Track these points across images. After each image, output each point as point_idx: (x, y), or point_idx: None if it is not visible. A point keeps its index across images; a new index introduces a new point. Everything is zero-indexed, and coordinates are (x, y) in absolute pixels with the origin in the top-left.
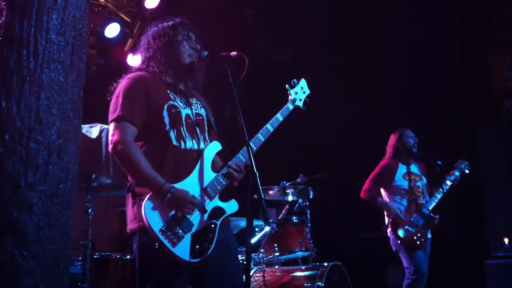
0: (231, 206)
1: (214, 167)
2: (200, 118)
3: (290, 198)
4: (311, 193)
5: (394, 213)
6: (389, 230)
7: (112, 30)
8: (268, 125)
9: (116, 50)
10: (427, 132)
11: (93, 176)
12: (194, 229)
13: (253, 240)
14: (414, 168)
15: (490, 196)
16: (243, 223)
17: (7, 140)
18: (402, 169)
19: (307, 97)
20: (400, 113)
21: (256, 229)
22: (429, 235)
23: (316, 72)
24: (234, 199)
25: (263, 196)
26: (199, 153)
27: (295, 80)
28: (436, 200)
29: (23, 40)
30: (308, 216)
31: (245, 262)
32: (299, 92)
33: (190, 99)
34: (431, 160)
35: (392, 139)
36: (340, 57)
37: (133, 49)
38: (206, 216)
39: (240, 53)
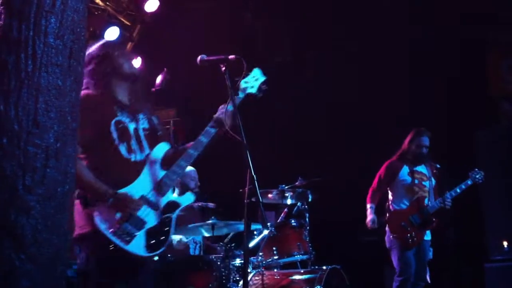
0: (185, 199)
1: (165, 165)
2: (147, 132)
3: (289, 201)
4: (309, 196)
5: (368, 220)
6: (386, 226)
7: (112, 33)
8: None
9: None
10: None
11: None
12: (147, 226)
13: (252, 244)
14: (422, 169)
15: (489, 199)
16: (241, 226)
17: (5, 143)
18: (406, 168)
19: (262, 83)
20: (399, 115)
21: (255, 233)
22: (427, 238)
23: (315, 73)
24: (188, 192)
25: (261, 200)
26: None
27: (245, 72)
28: (439, 205)
29: (21, 44)
30: (307, 219)
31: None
32: (251, 81)
33: (136, 114)
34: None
35: (408, 138)
36: (339, 59)
37: (133, 53)
38: (159, 211)
39: (238, 57)
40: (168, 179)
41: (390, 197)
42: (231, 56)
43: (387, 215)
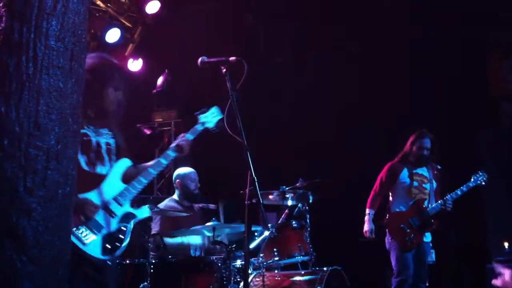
0: (142, 212)
1: (125, 180)
2: (110, 146)
3: (289, 202)
4: (310, 197)
5: (366, 229)
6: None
7: (113, 35)
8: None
9: (117, 55)
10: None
11: None
12: (104, 231)
13: (253, 245)
14: (423, 171)
15: (490, 200)
16: (242, 228)
17: (6, 145)
18: (406, 170)
19: (219, 121)
20: (400, 115)
21: (256, 234)
22: (427, 240)
23: (316, 74)
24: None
25: (261, 201)
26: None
27: (204, 108)
28: (440, 207)
29: (23, 46)
30: (308, 220)
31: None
32: (209, 117)
33: (101, 129)
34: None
35: (410, 140)
36: (340, 59)
37: (134, 54)
38: (116, 220)
39: (239, 58)
40: (128, 191)
41: (390, 198)
42: (231, 58)
43: (387, 216)
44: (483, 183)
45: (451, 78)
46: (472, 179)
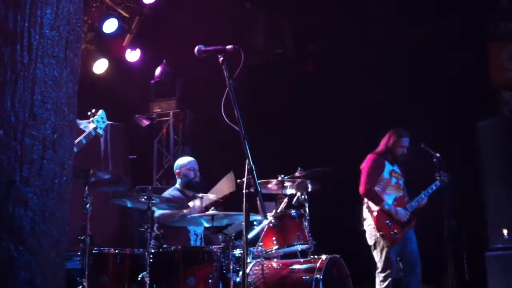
0: None
1: None
2: None
3: (288, 191)
4: (309, 186)
5: (398, 215)
6: (367, 224)
7: (110, 25)
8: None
9: (115, 45)
10: (427, 124)
11: (91, 171)
12: None
13: (252, 234)
14: (397, 168)
15: (489, 188)
16: (241, 217)
17: (2, 135)
18: (388, 166)
19: (106, 127)
20: (400, 106)
21: (255, 223)
22: (410, 235)
23: (316, 64)
24: None
25: (259, 190)
26: None
27: (93, 110)
28: (418, 204)
29: (17, 35)
30: (307, 209)
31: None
32: (100, 121)
33: None
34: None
35: (387, 138)
36: (340, 50)
37: (132, 45)
38: None
39: (236, 47)
40: None
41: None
42: (228, 47)
43: (374, 213)
44: (445, 182)
45: (450, 69)
46: (437, 179)
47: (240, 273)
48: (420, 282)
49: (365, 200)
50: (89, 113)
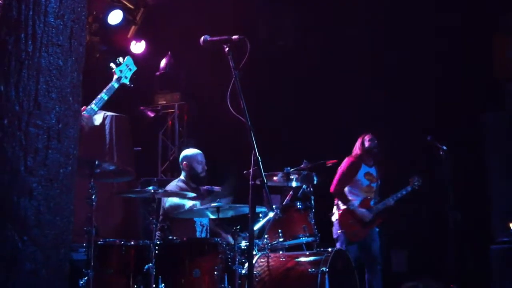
0: None
1: None
2: None
3: (294, 184)
4: (315, 179)
5: (361, 215)
6: (334, 218)
7: (115, 17)
8: (92, 105)
9: (119, 37)
10: (431, 118)
11: (96, 162)
12: None
13: (257, 226)
14: (373, 171)
15: (494, 181)
16: (246, 209)
17: (6, 124)
18: (364, 168)
19: (133, 74)
20: (403, 100)
21: (260, 215)
22: (374, 235)
23: (319, 55)
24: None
25: (266, 181)
26: None
27: (120, 58)
28: (384, 207)
29: (21, 23)
30: (312, 201)
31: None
32: (125, 70)
33: None
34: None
35: (366, 141)
36: (342, 41)
37: (137, 36)
38: None
39: (242, 37)
40: None
41: (346, 192)
42: (234, 37)
43: (340, 211)
44: (417, 187)
45: (454, 62)
46: (409, 183)
47: (246, 265)
48: (381, 280)
49: None
50: (111, 64)
